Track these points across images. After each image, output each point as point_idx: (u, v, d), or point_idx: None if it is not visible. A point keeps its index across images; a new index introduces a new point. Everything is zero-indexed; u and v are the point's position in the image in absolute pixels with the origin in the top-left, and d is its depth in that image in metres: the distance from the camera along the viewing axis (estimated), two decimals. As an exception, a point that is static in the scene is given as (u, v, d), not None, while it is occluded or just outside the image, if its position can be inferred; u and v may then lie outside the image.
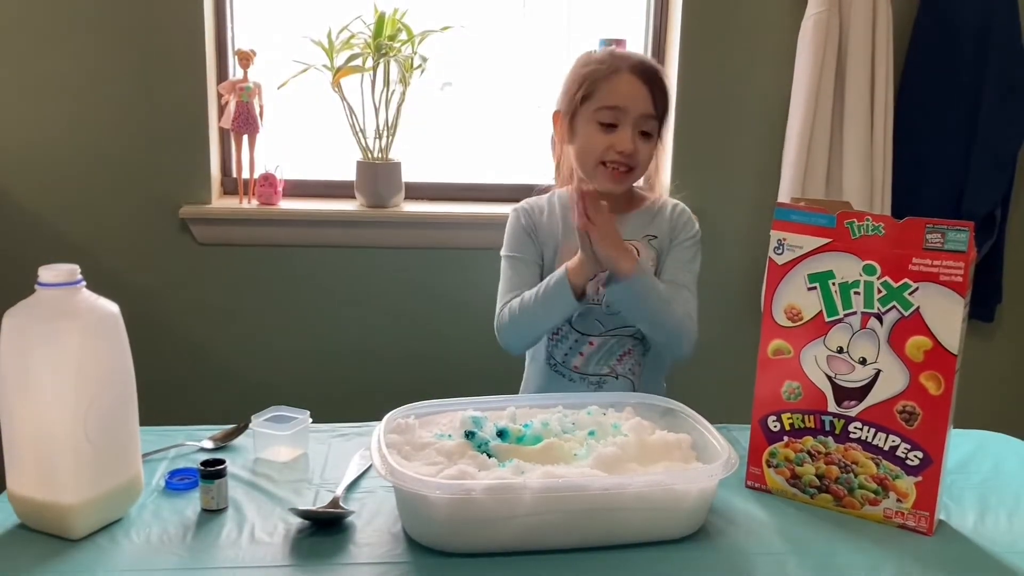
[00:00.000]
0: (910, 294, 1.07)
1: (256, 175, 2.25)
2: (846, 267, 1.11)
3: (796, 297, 1.15)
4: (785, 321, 1.16)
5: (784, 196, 2.24)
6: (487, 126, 2.51)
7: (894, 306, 1.09)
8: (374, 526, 1.06)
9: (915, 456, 1.10)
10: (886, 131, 2.24)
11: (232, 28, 2.28)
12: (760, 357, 1.18)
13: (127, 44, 2.13)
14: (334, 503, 1.09)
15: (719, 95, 2.31)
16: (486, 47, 2.43)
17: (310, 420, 1.27)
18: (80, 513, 1.01)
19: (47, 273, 1.00)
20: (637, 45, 2.38)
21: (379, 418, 1.13)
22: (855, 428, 1.13)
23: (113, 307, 1.04)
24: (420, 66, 2.21)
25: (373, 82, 2.19)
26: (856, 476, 1.13)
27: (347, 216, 2.25)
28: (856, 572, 0.99)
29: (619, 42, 2.28)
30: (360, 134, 2.24)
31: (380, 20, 2.15)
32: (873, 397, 1.11)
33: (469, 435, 1.11)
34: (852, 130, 2.21)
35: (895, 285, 1.08)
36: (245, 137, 2.22)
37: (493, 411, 1.18)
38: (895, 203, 2.30)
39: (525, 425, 1.14)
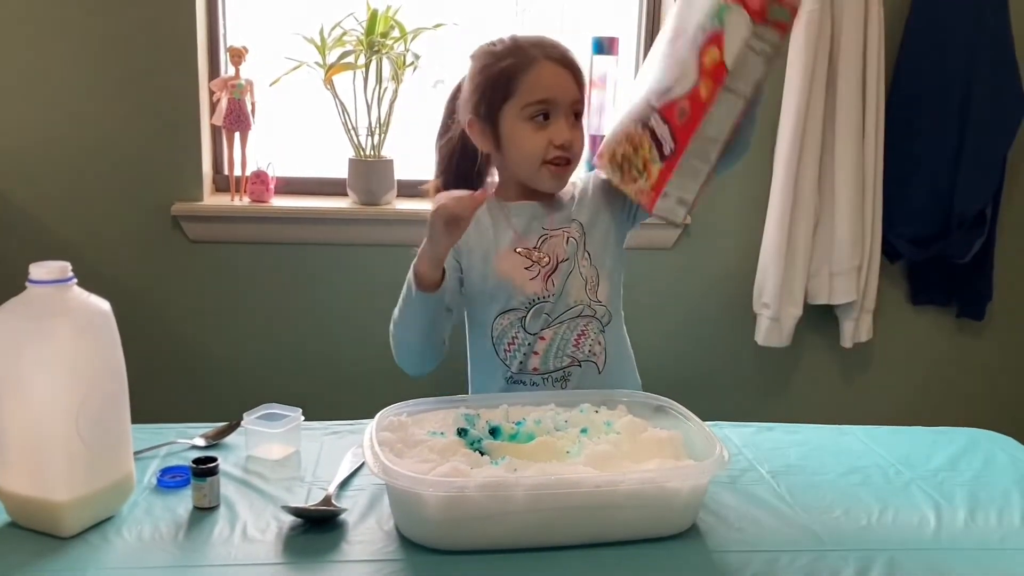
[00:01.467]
0: (727, 14, 1.19)
1: (248, 172, 2.24)
2: None
3: (705, 13, 1.26)
4: (704, 32, 1.26)
5: (776, 194, 2.25)
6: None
7: (715, 24, 1.20)
8: (367, 524, 1.06)
9: (670, 147, 1.23)
10: (877, 129, 2.24)
11: (224, 25, 2.27)
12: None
13: (118, 40, 2.12)
14: (326, 501, 1.09)
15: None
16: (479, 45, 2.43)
17: (302, 418, 1.27)
18: (71, 511, 1.01)
19: (38, 270, 0.99)
20: (629, 44, 2.39)
21: (371, 416, 1.13)
22: (656, 119, 1.27)
23: (104, 304, 1.04)
24: (413, 63, 2.21)
25: (365, 79, 2.19)
26: (637, 157, 1.28)
27: (339, 213, 2.25)
28: (847, 570, 1.00)
29: (612, 40, 2.29)
30: (352, 131, 2.24)
31: (373, 17, 2.15)
32: (673, 94, 1.25)
33: (462, 432, 1.11)
34: (844, 128, 2.22)
35: (724, 4, 1.19)
36: (237, 134, 2.22)
37: (485, 409, 1.18)
38: (886, 200, 2.31)
39: (518, 423, 1.15)
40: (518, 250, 1.41)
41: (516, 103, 1.36)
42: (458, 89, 1.48)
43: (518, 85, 1.36)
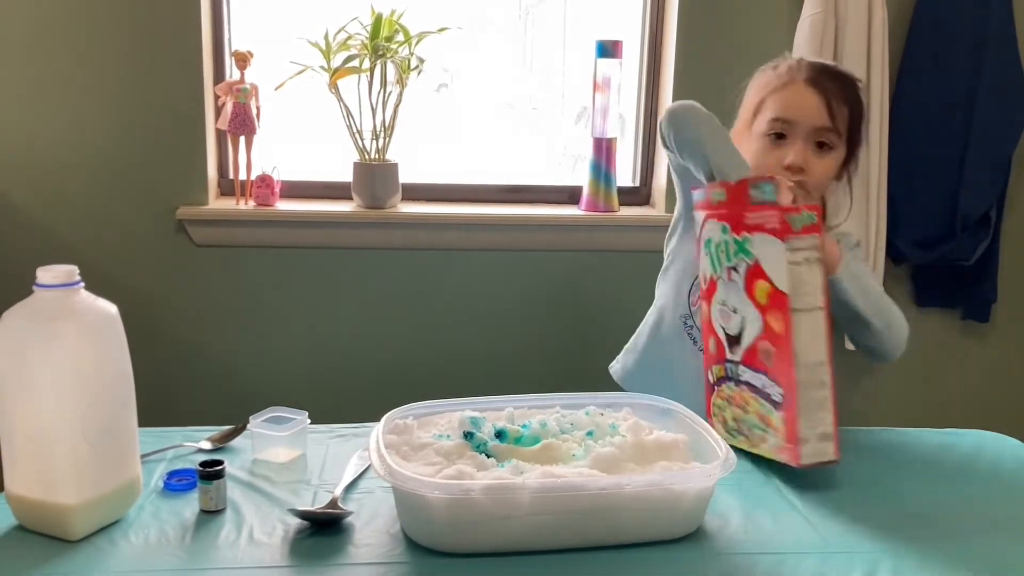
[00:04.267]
0: (750, 245, 1.18)
1: (253, 176, 2.25)
2: (716, 231, 1.24)
3: (704, 265, 1.29)
4: (703, 285, 1.30)
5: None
6: (483, 128, 2.51)
7: (743, 258, 1.20)
8: (373, 526, 1.07)
9: (777, 392, 1.17)
10: (881, 132, 2.24)
11: (229, 29, 2.28)
12: (703, 320, 1.31)
13: (123, 45, 2.13)
14: (333, 504, 1.09)
15: (716, 97, 2.30)
16: (482, 49, 2.43)
17: (308, 421, 1.27)
18: (78, 514, 1.01)
19: (45, 274, 1.00)
20: (633, 48, 2.39)
21: (377, 419, 1.14)
22: (743, 371, 1.23)
23: (111, 308, 1.04)
24: (417, 67, 2.21)
25: (370, 83, 2.19)
26: (749, 415, 1.22)
27: (344, 217, 2.25)
28: (853, 572, 1.00)
29: (616, 43, 2.29)
30: (357, 135, 2.24)
31: (377, 21, 2.15)
32: (745, 341, 1.22)
33: (467, 435, 1.11)
34: (848, 131, 2.22)
35: (739, 239, 1.20)
36: (242, 138, 2.22)
37: (491, 411, 1.18)
38: (891, 204, 2.30)
39: (523, 426, 1.15)
40: None
41: (763, 116, 1.39)
42: None
43: (769, 100, 1.38)
